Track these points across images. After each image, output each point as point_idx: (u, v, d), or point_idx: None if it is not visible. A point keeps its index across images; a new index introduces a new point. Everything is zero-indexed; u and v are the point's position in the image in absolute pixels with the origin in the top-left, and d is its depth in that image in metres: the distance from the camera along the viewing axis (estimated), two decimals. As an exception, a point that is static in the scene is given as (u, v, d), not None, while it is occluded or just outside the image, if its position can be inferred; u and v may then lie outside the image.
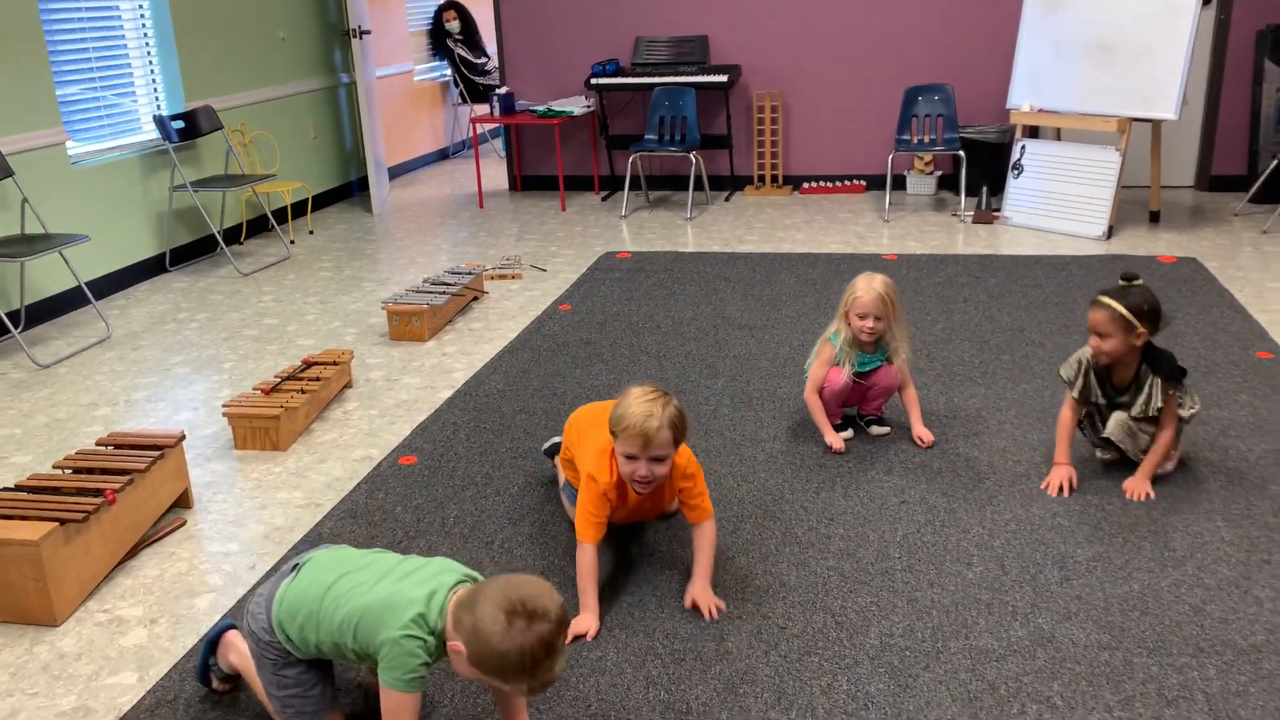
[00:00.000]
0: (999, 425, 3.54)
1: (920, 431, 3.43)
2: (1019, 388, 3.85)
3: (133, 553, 2.95)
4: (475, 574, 1.99)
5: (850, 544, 2.84)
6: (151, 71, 6.05)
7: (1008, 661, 2.34)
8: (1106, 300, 2.99)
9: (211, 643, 2.31)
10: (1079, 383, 3.13)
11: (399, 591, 1.93)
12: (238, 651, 2.27)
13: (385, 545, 2.90)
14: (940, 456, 3.33)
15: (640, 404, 2.44)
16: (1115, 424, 3.09)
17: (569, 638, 2.42)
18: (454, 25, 9.61)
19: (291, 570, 2.12)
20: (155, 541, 3.03)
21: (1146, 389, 3.05)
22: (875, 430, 3.51)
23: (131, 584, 2.83)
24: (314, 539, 2.97)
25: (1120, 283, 3.03)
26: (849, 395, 3.46)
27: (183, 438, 3.18)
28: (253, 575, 2.84)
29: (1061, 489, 3.08)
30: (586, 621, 2.50)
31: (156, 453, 3.05)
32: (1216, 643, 2.38)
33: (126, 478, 2.90)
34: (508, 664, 1.73)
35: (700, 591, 2.58)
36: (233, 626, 2.34)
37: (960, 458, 3.32)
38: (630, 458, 2.47)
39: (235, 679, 2.32)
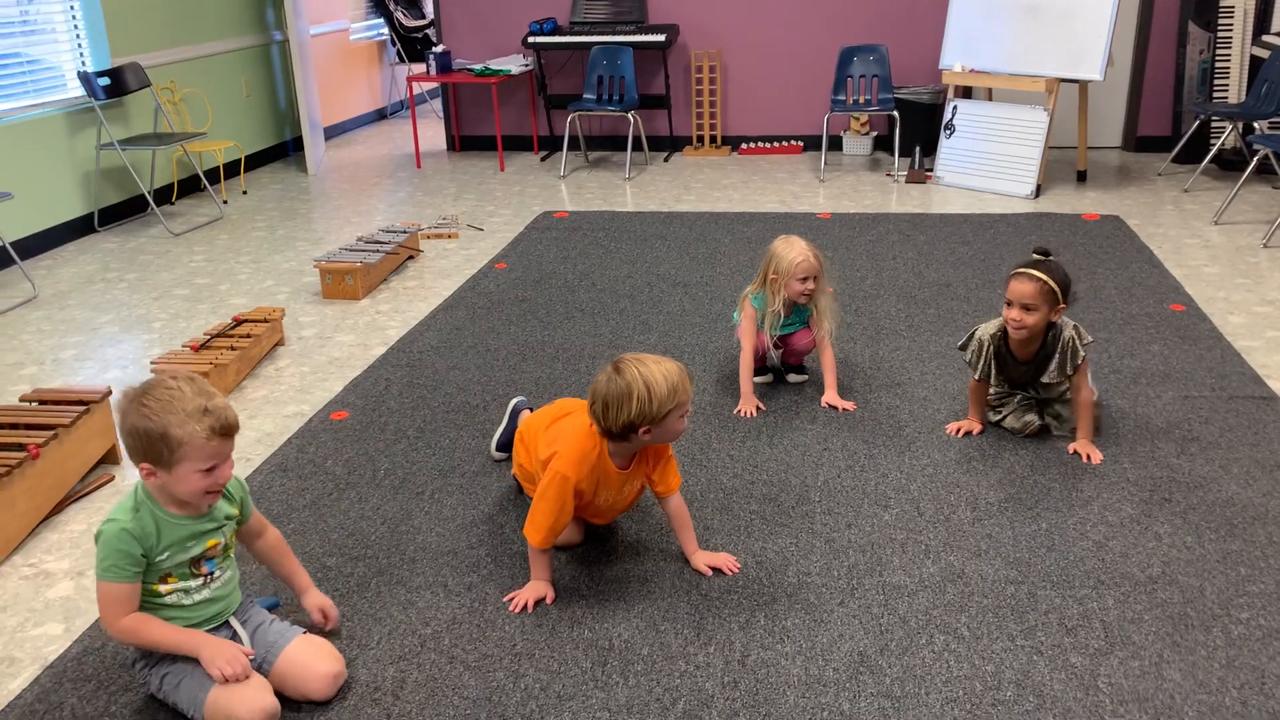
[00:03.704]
0: (921, 375, 3.64)
1: (832, 398, 3.39)
2: (942, 340, 3.95)
3: (59, 508, 2.94)
4: None
5: (773, 489, 2.92)
6: (75, 26, 5.90)
7: (919, 596, 2.43)
8: (1036, 273, 2.89)
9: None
10: (980, 366, 3.11)
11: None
12: None
13: (315, 497, 2.93)
14: (863, 406, 3.42)
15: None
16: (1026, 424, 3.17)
17: (529, 606, 2.40)
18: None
19: None
20: (82, 497, 3.02)
21: (1058, 356, 3.01)
22: (793, 378, 3.59)
23: (58, 538, 2.82)
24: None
25: (1035, 257, 2.96)
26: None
27: (109, 393, 3.17)
28: (182, 528, 2.85)
29: (959, 431, 3.19)
30: (541, 589, 2.44)
31: (82, 407, 3.04)
32: (1116, 575, 2.49)
33: (51, 433, 2.88)
34: (152, 434, 1.93)
35: (704, 558, 2.56)
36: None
37: (882, 406, 3.41)
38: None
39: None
